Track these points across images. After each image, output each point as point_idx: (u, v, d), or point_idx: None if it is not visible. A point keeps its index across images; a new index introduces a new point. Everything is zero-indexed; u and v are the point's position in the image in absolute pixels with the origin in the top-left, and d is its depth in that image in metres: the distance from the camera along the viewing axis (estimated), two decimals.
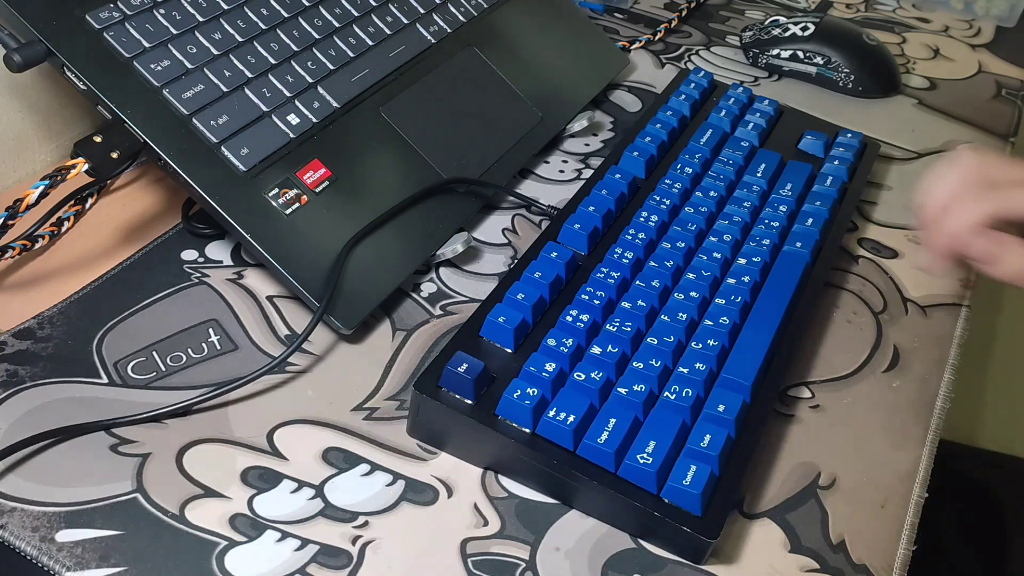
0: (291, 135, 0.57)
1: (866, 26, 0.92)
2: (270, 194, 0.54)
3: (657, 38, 0.88)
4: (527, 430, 0.46)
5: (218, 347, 0.52)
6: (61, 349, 0.51)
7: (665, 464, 0.44)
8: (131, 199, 0.62)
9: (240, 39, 0.58)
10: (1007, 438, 1.24)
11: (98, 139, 0.51)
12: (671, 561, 0.45)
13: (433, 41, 0.68)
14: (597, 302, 0.51)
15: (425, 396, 0.46)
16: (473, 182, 0.63)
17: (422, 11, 0.69)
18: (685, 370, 0.49)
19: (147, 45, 0.55)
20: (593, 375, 0.47)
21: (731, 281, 0.55)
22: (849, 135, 0.70)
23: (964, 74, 0.89)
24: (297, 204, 0.55)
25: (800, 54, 0.83)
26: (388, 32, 0.66)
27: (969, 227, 0.51)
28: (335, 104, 0.60)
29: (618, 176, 0.61)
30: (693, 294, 0.53)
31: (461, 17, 0.71)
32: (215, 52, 0.57)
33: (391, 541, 0.44)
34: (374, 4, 0.66)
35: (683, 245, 0.57)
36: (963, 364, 0.58)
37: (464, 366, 0.46)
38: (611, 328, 0.50)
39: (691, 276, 0.55)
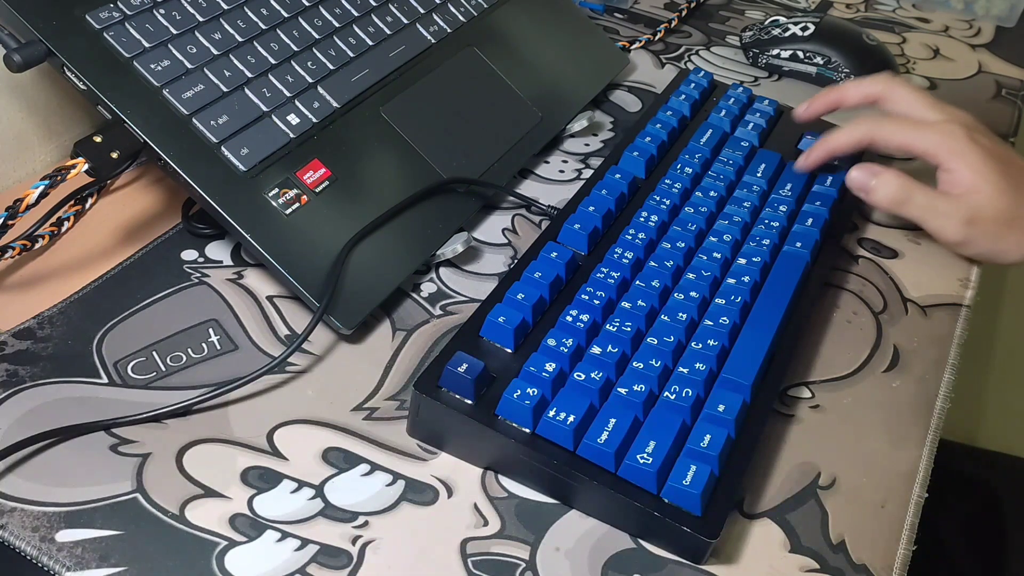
0: (291, 135, 0.57)
1: (866, 26, 0.92)
2: (270, 194, 0.54)
3: (657, 38, 0.88)
4: (527, 430, 0.46)
5: (218, 347, 0.52)
6: (61, 349, 0.51)
7: (665, 464, 0.44)
8: (131, 199, 0.62)
9: (240, 39, 0.58)
10: (1007, 438, 1.24)
11: (98, 139, 0.51)
12: (671, 561, 0.45)
13: (433, 41, 0.68)
14: (597, 302, 0.51)
15: (425, 396, 0.46)
16: (473, 182, 0.63)
17: (422, 11, 0.69)
18: (685, 370, 0.49)
19: (147, 45, 0.55)
20: (593, 375, 0.47)
21: (731, 281, 0.55)
22: None
23: (964, 74, 0.89)
24: (297, 204, 0.55)
25: (800, 54, 0.83)
26: (388, 32, 0.66)
27: (842, 147, 0.63)
28: (335, 104, 0.60)
29: (618, 176, 0.61)
30: (693, 294, 0.53)
31: (461, 17, 0.71)
32: (215, 52, 0.57)
33: (391, 541, 0.44)
34: (374, 4, 0.66)
35: (683, 245, 0.57)
36: (963, 364, 0.58)
37: (464, 366, 0.46)
38: (611, 328, 0.50)
39: (691, 276, 0.55)
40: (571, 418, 0.45)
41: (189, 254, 0.58)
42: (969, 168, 0.59)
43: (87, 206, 0.61)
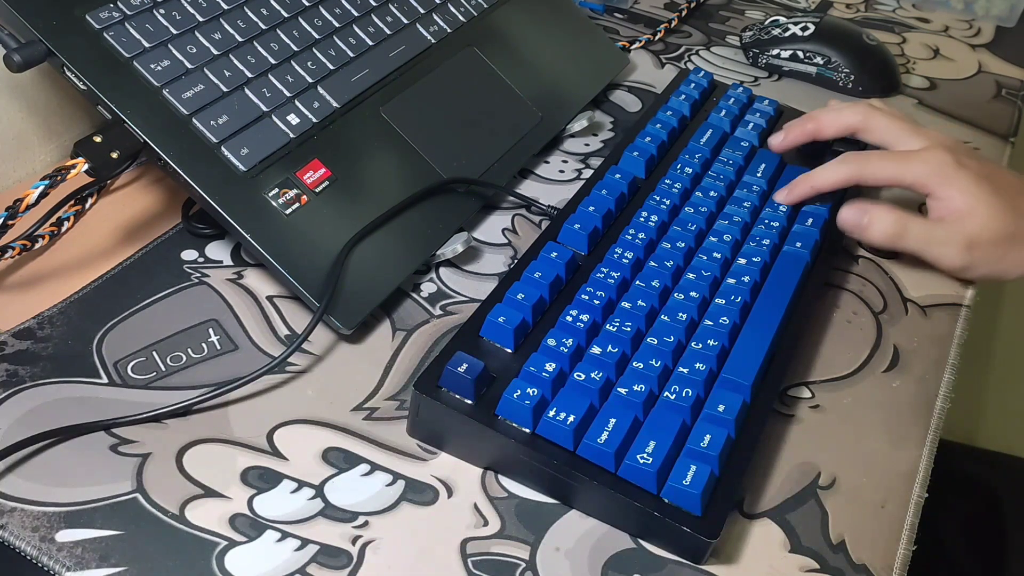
0: (291, 135, 0.57)
1: (866, 26, 0.92)
2: (270, 194, 0.54)
3: (657, 38, 0.88)
4: (527, 430, 0.46)
5: (218, 347, 0.52)
6: (61, 349, 0.51)
7: (665, 464, 0.44)
8: (131, 199, 0.62)
9: (240, 39, 0.58)
10: (1007, 438, 1.24)
11: (98, 139, 0.51)
12: (671, 561, 0.45)
13: (433, 41, 0.68)
14: (597, 302, 0.51)
15: (425, 396, 0.46)
16: (473, 182, 0.63)
17: (422, 11, 0.69)
18: (685, 370, 0.49)
19: (147, 45, 0.55)
20: (593, 375, 0.47)
21: (731, 281, 0.55)
22: None
23: (964, 74, 0.89)
24: (297, 204, 0.55)
25: (800, 54, 0.83)
26: (388, 32, 0.66)
27: (828, 185, 0.61)
28: (335, 104, 0.60)
29: (618, 176, 0.61)
30: (693, 294, 0.53)
31: (461, 17, 0.71)
32: (215, 52, 0.57)
33: (391, 541, 0.44)
34: (374, 4, 0.66)
35: (683, 245, 0.57)
36: (963, 364, 0.58)
37: (464, 366, 0.46)
38: (611, 328, 0.50)
39: (691, 276, 0.55)
40: (571, 418, 0.45)
41: (189, 254, 0.58)
42: (961, 192, 0.58)
43: (87, 206, 0.61)
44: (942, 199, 0.58)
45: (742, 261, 0.56)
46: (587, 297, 0.52)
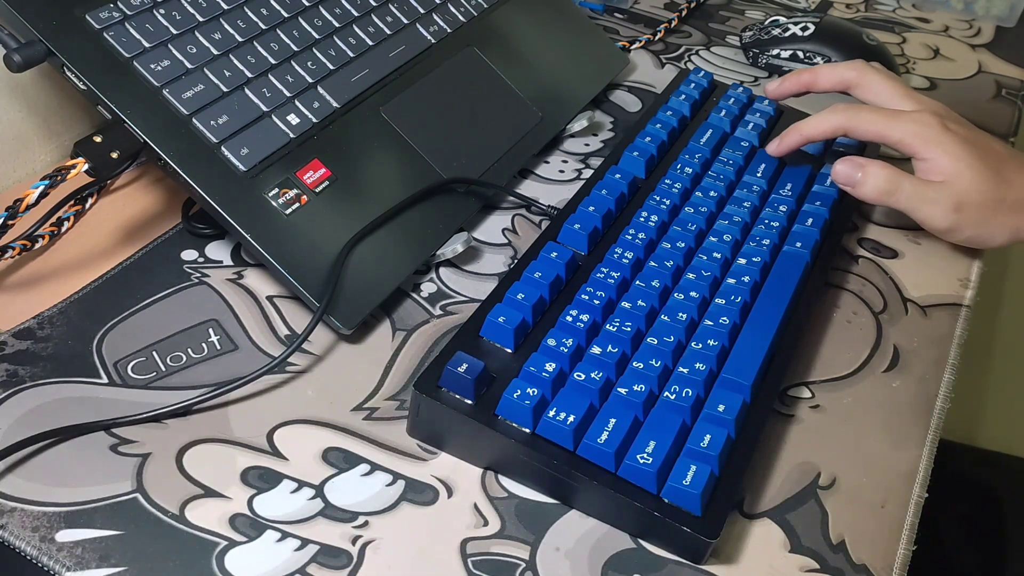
0: (291, 135, 0.57)
1: (866, 26, 0.92)
2: (270, 194, 0.54)
3: (657, 38, 0.88)
4: (527, 430, 0.46)
5: (218, 347, 0.52)
6: (61, 349, 0.51)
7: (665, 464, 0.44)
8: (131, 199, 0.62)
9: (240, 39, 0.58)
10: (1007, 438, 1.24)
11: (98, 139, 0.51)
12: (671, 561, 0.45)
13: (433, 41, 0.68)
14: (597, 302, 0.51)
15: (425, 396, 0.46)
16: (473, 182, 0.63)
17: (422, 11, 0.69)
18: (685, 370, 0.49)
19: (147, 45, 0.55)
20: (593, 375, 0.47)
21: (731, 281, 0.55)
22: None
23: (964, 74, 0.89)
24: (297, 204, 0.55)
25: (800, 54, 0.83)
26: (388, 32, 0.66)
27: (818, 134, 0.63)
28: (335, 104, 0.60)
29: (618, 176, 0.61)
30: (693, 294, 0.53)
31: (461, 17, 0.71)
32: (215, 52, 0.57)
33: (391, 541, 0.44)
34: (374, 4, 0.66)
35: (683, 245, 0.57)
36: (963, 364, 0.58)
37: (464, 366, 0.46)
38: (611, 328, 0.50)
39: (691, 276, 0.55)
40: (571, 418, 0.45)
41: (189, 254, 0.58)
42: (947, 155, 0.59)
43: (87, 206, 0.61)
44: (927, 160, 0.60)
45: (742, 261, 0.56)
46: (587, 297, 0.52)
